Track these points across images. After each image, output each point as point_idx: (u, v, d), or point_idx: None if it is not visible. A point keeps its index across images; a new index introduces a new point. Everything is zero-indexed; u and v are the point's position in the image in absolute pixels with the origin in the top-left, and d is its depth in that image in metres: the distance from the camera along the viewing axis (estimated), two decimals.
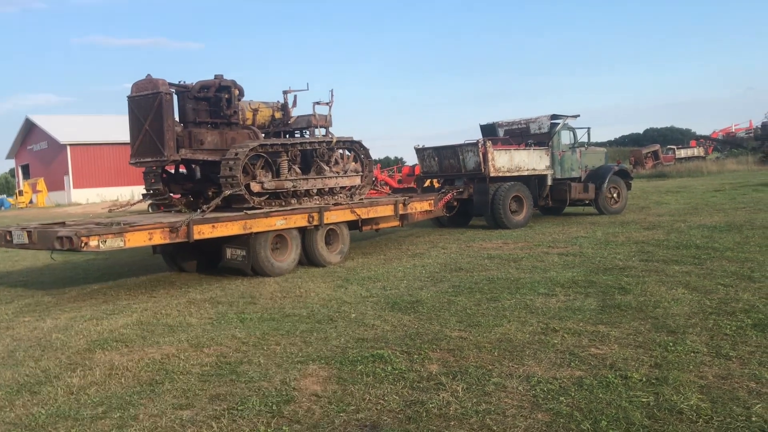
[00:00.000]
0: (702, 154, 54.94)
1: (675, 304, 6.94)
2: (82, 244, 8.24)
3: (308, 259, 11.17)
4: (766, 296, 7.04)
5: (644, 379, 4.78)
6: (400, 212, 12.95)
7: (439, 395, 4.72)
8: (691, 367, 5.01)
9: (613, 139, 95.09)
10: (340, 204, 11.68)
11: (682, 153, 53.75)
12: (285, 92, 12.19)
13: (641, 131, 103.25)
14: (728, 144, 61.24)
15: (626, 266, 9.27)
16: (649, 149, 51.22)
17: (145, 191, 11.41)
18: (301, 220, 10.77)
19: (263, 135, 11.60)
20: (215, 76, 10.96)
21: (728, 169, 38.63)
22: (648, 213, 17.08)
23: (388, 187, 22.10)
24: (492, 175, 15.57)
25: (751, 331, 5.84)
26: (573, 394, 4.60)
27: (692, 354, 5.31)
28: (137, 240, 8.85)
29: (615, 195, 17.68)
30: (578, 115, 17.41)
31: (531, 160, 16.39)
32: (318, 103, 12.24)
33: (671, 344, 5.56)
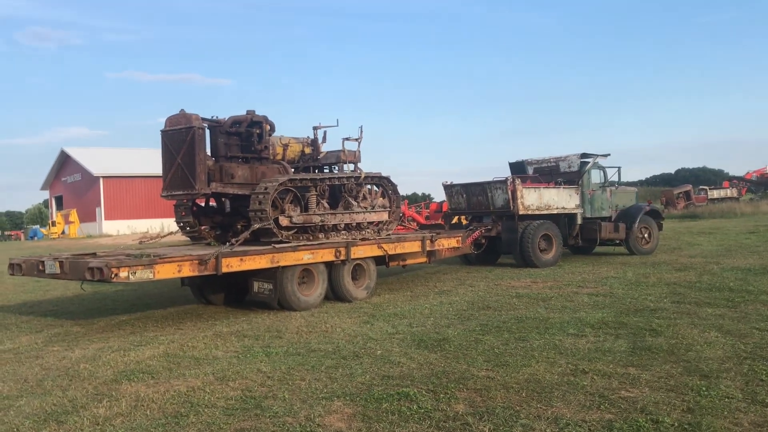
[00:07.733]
0: (735, 195, 54.06)
1: (708, 347, 6.78)
2: (113, 275, 8.33)
3: (335, 294, 11.17)
4: None
5: (676, 424, 4.66)
6: (428, 248, 12.92)
7: None
8: (726, 413, 4.87)
9: (644, 178, 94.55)
10: (368, 239, 11.70)
11: (715, 194, 52.95)
12: (315, 128, 12.38)
13: (673, 171, 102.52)
14: (762, 185, 60.26)
15: (657, 308, 9.11)
16: (680, 189, 50.61)
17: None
18: (328, 255, 10.79)
19: (293, 170, 11.74)
20: (247, 111, 11.16)
21: (762, 210, 37.90)
22: (680, 254, 16.81)
23: (415, 223, 22.07)
24: (521, 212, 15.50)
25: None
26: None
27: (726, 399, 5.16)
28: (166, 272, 8.92)
29: (646, 235, 17.49)
30: (609, 154, 17.36)
31: (560, 199, 16.30)
32: (347, 139, 12.37)
33: (704, 389, 5.42)
